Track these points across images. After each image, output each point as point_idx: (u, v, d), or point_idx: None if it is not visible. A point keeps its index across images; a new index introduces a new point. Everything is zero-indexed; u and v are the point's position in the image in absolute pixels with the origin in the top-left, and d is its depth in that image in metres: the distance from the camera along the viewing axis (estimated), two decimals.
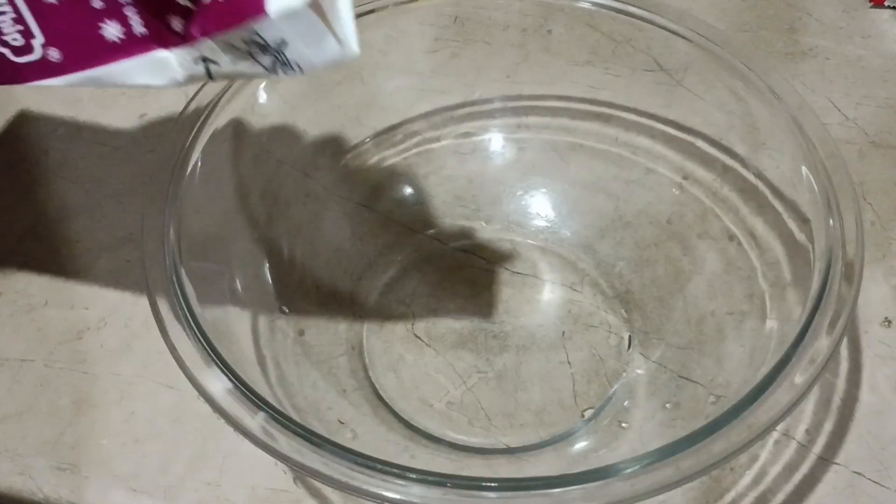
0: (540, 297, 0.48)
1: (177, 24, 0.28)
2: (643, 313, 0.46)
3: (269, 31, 0.27)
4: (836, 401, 0.43)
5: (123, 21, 0.28)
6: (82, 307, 0.48)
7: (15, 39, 0.28)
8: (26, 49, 0.28)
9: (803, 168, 0.40)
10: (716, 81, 0.44)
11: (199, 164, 0.39)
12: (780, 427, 0.42)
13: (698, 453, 0.32)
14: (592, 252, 0.48)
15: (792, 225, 0.41)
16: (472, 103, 0.51)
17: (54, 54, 0.28)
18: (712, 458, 0.32)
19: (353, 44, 0.28)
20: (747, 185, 0.44)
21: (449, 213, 0.50)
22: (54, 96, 0.58)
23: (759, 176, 0.44)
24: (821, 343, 0.34)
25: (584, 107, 0.49)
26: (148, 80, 0.29)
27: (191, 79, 0.29)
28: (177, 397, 0.44)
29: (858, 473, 0.41)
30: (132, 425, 0.43)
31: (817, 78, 0.57)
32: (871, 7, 0.61)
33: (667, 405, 0.41)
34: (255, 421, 0.32)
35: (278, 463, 0.41)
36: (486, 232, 0.51)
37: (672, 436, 0.33)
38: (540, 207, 0.50)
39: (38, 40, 0.28)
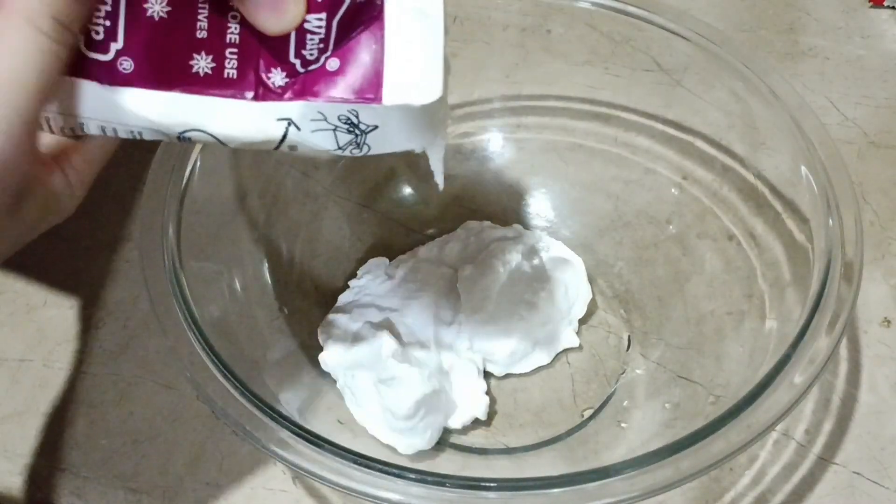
0: None
1: (277, 78, 0.27)
2: (643, 313, 0.46)
3: (371, 115, 0.27)
4: (836, 401, 0.43)
5: (219, 59, 0.27)
6: (82, 307, 0.48)
7: (95, 33, 0.26)
8: (101, 47, 0.26)
9: (802, 168, 0.40)
10: (715, 81, 0.44)
11: (199, 164, 0.39)
12: (779, 427, 0.42)
13: (697, 453, 0.32)
14: (592, 252, 0.48)
15: (791, 225, 0.41)
16: (472, 103, 0.51)
17: (125, 65, 0.26)
18: (711, 458, 0.32)
19: (431, 141, 0.29)
20: (747, 185, 0.44)
21: (448, 213, 0.50)
22: None
23: (759, 176, 0.44)
24: (820, 343, 0.34)
25: (583, 107, 0.49)
26: (209, 124, 0.27)
27: (258, 133, 0.27)
28: (176, 397, 0.44)
29: (857, 473, 0.41)
30: (131, 425, 0.43)
31: (817, 78, 0.57)
32: (871, 7, 0.61)
33: (666, 405, 0.41)
34: None
35: (277, 463, 0.41)
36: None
37: (671, 436, 0.33)
38: (539, 207, 0.50)
39: (117, 45, 0.26)
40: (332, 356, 0.43)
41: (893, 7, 0.61)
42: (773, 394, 0.33)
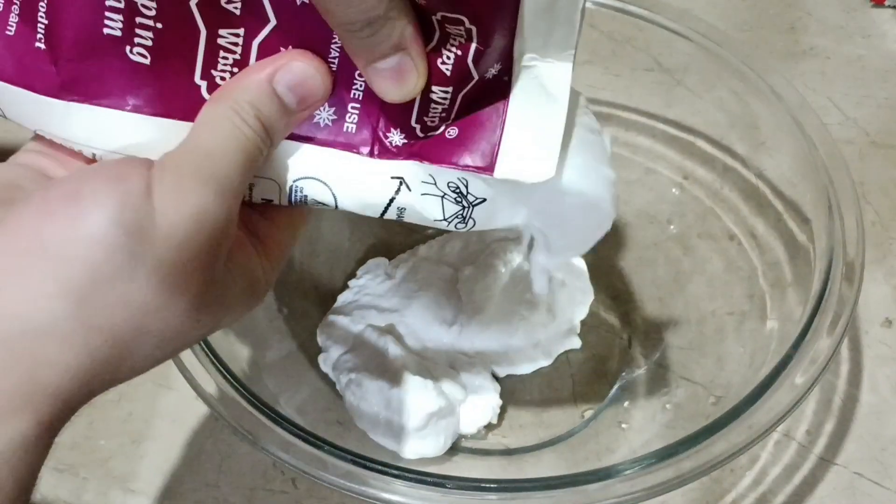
0: None
1: (395, 138, 0.27)
2: (643, 313, 0.46)
3: (481, 186, 0.27)
4: (837, 401, 0.43)
5: (341, 112, 0.27)
6: None
7: (222, 79, 0.26)
8: None
9: (804, 168, 0.40)
10: (716, 81, 0.44)
11: None
12: (780, 428, 0.42)
13: (698, 454, 0.32)
14: (593, 252, 0.48)
15: (792, 225, 0.41)
16: None
17: None
18: (712, 459, 0.32)
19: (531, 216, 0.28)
20: (748, 185, 0.44)
21: None
22: None
23: (760, 176, 0.44)
24: (821, 344, 0.34)
25: None
26: (325, 173, 0.27)
27: (370, 190, 0.27)
28: (175, 398, 0.44)
29: (858, 474, 0.41)
30: (130, 426, 0.43)
31: (818, 77, 0.57)
32: (872, 7, 0.61)
33: (667, 406, 0.41)
34: None
35: (277, 463, 0.41)
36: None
37: (672, 437, 0.33)
38: None
39: None
40: (332, 358, 0.43)
41: (894, 7, 0.61)
42: (774, 394, 0.33)
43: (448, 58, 0.25)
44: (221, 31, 0.25)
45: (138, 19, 0.25)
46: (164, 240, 0.22)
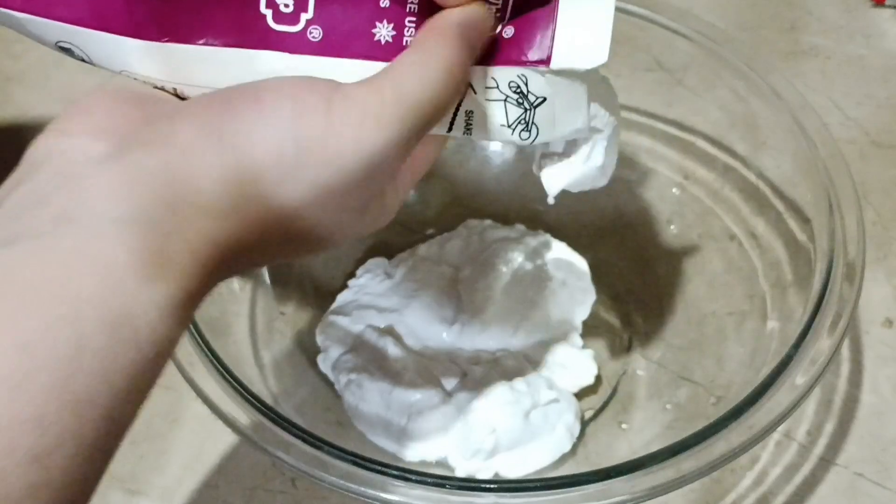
0: None
1: None
2: (643, 313, 0.46)
3: (540, 83, 0.27)
4: (838, 402, 0.43)
5: (399, 28, 0.27)
6: None
7: (286, 6, 0.27)
8: (291, 19, 0.27)
9: (804, 168, 0.40)
10: (716, 81, 0.44)
11: None
12: (780, 428, 0.41)
13: (699, 454, 0.32)
14: (593, 252, 0.48)
15: (793, 225, 0.41)
16: None
17: (315, 33, 0.27)
18: (713, 459, 0.32)
19: (600, 123, 0.30)
20: (748, 185, 0.44)
21: (448, 214, 0.50)
22: (52, 95, 0.57)
23: (760, 176, 0.44)
24: (822, 344, 0.34)
25: None
26: None
27: None
28: (174, 398, 0.44)
29: (859, 474, 0.41)
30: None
31: (818, 77, 0.57)
32: (872, 6, 0.61)
33: (667, 406, 0.41)
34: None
35: (276, 464, 0.41)
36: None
37: (673, 437, 0.33)
38: (540, 207, 0.50)
39: (307, 15, 0.27)
40: (331, 359, 0.43)
41: (895, 6, 0.61)
42: (774, 395, 0.33)
43: None
44: None
45: None
46: (329, 164, 0.23)
